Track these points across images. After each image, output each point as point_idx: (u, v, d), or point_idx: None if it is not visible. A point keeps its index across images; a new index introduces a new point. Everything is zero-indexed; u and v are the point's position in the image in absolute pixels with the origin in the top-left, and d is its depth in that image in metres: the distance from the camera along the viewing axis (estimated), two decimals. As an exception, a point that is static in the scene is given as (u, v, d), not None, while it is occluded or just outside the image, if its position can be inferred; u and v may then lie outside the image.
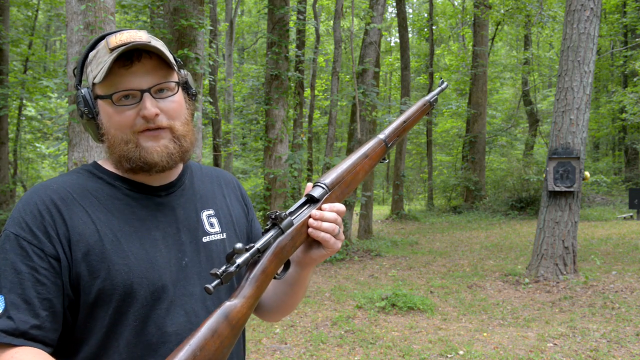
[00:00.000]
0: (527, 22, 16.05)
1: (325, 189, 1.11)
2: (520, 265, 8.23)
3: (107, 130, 1.09)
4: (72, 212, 1.04)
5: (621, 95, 16.37)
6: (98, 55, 1.08)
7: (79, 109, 1.10)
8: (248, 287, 0.99)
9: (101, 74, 1.04)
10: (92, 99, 1.09)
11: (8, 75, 13.19)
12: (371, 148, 1.22)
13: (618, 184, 19.00)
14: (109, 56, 1.04)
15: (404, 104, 13.31)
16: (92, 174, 1.12)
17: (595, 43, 7.01)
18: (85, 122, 1.11)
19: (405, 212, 16.87)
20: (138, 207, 1.10)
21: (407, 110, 1.35)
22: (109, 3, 5.02)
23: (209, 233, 1.17)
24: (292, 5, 11.76)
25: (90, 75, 1.09)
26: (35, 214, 1.01)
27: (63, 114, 7.81)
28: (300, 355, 4.61)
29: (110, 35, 1.10)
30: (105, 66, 1.03)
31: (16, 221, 1.02)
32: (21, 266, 0.98)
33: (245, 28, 27.42)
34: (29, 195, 1.05)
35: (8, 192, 13.16)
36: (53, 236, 1.01)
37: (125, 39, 1.05)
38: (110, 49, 1.05)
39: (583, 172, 6.93)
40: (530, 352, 4.52)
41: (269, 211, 8.79)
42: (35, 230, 1.00)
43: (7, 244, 1.00)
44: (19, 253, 0.98)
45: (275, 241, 1.03)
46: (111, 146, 1.09)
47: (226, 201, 1.26)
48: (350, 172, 1.16)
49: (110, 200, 1.08)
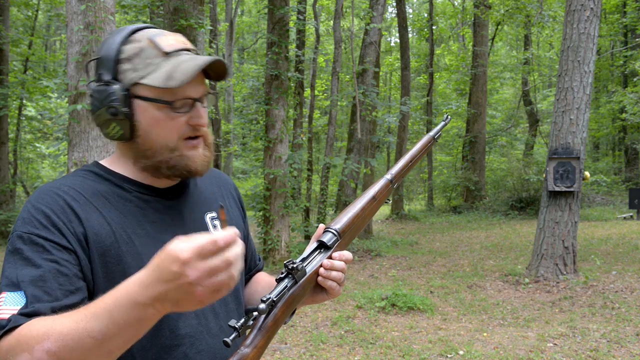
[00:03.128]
0: (527, 22, 16.05)
1: (336, 236, 1.11)
2: (520, 265, 8.23)
3: (146, 134, 1.05)
4: (87, 212, 1.02)
5: (621, 95, 16.38)
6: (144, 54, 1.04)
7: (111, 106, 1.03)
8: (259, 336, 0.98)
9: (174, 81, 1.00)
10: (128, 97, 1.05)
11: (8, 75, 13.19)
12: (379, 190, 1.22)
13: (618, 184, 19.01)
14: (167, 60, 1.03)
15: (404, 104, 13.31)
16: (98, 175, 1.10)
17: (595, 43, 7.01)
18: (114, 119, 1.05)
19: (405, 212, 16.88)
20: (149, 210, 1.09)
21: (412, 149, 1.36)
22: (109, 3, 5.02)
23: None
24: (292, 5, 11.76)
25: (129, 74, 1.04)
26: (48, 214, 0.98)
27: (63, 114, 7.81)
28: (300, 355, 4.61)
29: (148, 32, 1.07)
30: (180, 74, 1.00)
31: (27, 221, 0.98)
32: (40, 261, 0.94)
33: (245, 28, 27.43)
34: (39, 197, 1.02)
35: (8, 192, 13.17)
36: (69, 234, 0.98)
37: (175, 43, 1.06)
38: (165, 53, 1.04)
39: (583, 172, 6.93)
40: (530, 352, 4.52)
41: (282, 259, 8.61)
42: (50, 228, 0.97)
43: (20, 243, 0.96)
44: (36, 250, 0.95)
45: (289, 292, 1.03)
46: (149, 150, 1.06)
47: (226, 203, 1.27)
48: (359, 216, 1.16)
49: (122, 202, 1.07)
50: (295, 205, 9.96)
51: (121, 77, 1.04)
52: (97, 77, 1.06)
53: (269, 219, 8.99)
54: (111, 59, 1.05)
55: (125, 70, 1.05)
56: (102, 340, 0.83)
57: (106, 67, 1.05)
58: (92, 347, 0.83)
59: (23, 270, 0.93)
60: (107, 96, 1.03)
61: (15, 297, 0.91)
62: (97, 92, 1.05)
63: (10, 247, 0.97)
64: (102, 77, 1.05)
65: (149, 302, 0.81)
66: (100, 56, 1.06)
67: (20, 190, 15.96)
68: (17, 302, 0.90)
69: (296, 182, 11.28)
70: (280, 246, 8.97)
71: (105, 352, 0.85)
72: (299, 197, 12.15)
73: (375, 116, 11.56)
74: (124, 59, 1.05)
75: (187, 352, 1.05)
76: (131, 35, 1.07)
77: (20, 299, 0.90)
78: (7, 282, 0.93)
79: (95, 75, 1.07)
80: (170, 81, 1.01)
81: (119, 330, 0.83)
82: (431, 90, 19.51)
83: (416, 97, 23.82)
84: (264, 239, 9.07)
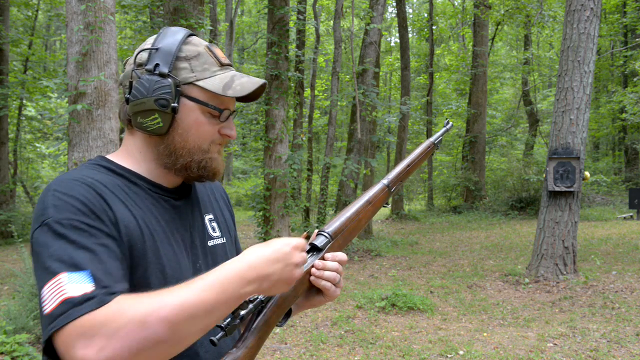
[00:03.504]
0: (527, 22, 16.05)
1: (328, 238, 1.12)
2: (520, 265, 8.23)
3: (185, 133, 1.07)
4: (114, 203, 1.00)
5: (621, 95, 16.38)
6: (202, 59, 1.08)
7: (162, 98, 1.04)
8: (251, 338, 1.00)
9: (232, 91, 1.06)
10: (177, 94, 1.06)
11: (8, 75, 13.19)
12: (374, 195, 1.22)
13: (618, 184, 19.00)
14: (222, 71, 1.09)
15: (404, 104, 13.31)
16: (110, 170, 1.08)
17: (595, 43, 7.01)
18: (159, 110, 1.04)
19: (405, 212, 16.87)
20: (161, 208, 1.10)
21: (411, 153, 1.35)
22: (109, 3, 5.02)
23: (212, 237, 1.21)
24: (292, 5, 11.76)
25: (185, 72, 1.06)
26: (83, 201, 0.96)
27: (63, 114, 7.81)
28: (300, 355, 4.61)
29: (202, 40, 1.12)
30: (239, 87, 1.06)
31: (62, 208, 0.94)
32: (91, 245, 0.91)
33: (245, 28, 27.44)
34: (65, 185, 0.98)
35: (8, 192, 13.16)
36: (107, 222, 0.97)
37: (224, 57, 1.12)
38: (221, 64, 1.10)
39: (583, 172, 6.93)
40: (530, 352, 4.52)
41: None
42: (89, 214, 0.95)
43: (63, 229, 0.92)
44: (81, 234, 0.92)
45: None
46: (183, 149, 1.08)
47: (219, 205, 1.29)
48: (353, 219, 1.17)
49: (139, 198, 1.07)
50: (295, 205, 9.96)
51: (176, 73, 1.06)
52: (153, 67, 1.05)
53: (269, 219, 8.99)
54: (172, 53, 1.06)
55: (182, 68, 1.07)
56: (211, 311, 0.88)
57: (164, 60, 1.05)
58: (203, 317, 0.87)
59: (76, 252, 0.90)
60: (160, 87, 1.04)
61: (78, 277, 0.88)
62: (148, 80, 1.04)
63: (51, 234, 0.92)
64: (159, 68, 1.05)
65: (254, 280, 0.91)
66: (159, 47, 1.06)
67: (20, 190, 15.95)
68: (83, 280, 0.87)
69: (296, 182, 11.27)
70: (280, 246, 8.95)
71: (207, 324, 0.89)
72: (299, 197, 12.16)
73: (375, 116, 11.56)
74: (182, 57, 1.07)
75: (197, 350, 1.07)
76: (190, 36, 1.11)
77: (84, 278, 0.88)
78: (59, 265, 0.88)
79: (149, 63, 1.06)
80: (228, 90, 1.06)
81: (223, 304, 0.89)
82: (431, 90, 19.51)
83: (416, 97, 23.82)
84: (264, 239, 9.07)
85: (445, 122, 1.49)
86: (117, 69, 5.12)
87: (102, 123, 4.92)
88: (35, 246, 0.93)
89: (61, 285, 0.87)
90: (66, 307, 0.85)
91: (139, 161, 1.11)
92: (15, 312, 4.70)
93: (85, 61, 4.90)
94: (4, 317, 4.65)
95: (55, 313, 0.85)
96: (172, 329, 0.85)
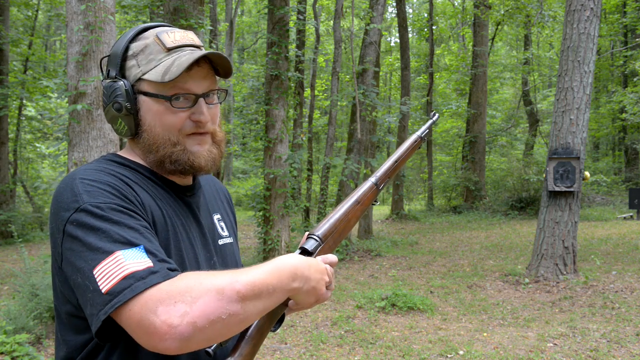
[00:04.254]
0: (527, 22, 16.05)
1: (318, 242, 1.11)
2: (520, 265, 8.23)
3: (151, 129, 1.07)
4: (140, 191, 1.01)
5: (621, 95, 16.38)
6: (148, 50, 1.06)
7: (115, 102, 1.05)
8: (245, 346, 1.00)
9: (168, 75, 1.02)
10: (132, 93, 1.06)
11: (8, 75, 13.19)
12: (363, 194, 1.22)
13: (618, 184, 19.00)
14: (168, 56, 1.05)
15: (404, 104, 13.30)
16: (126, 166, 1.08)
17: (595, 43, 7.01)
18: (119, 115, 1.06)
19: (405, 212, 16.87)
20: (177, 205, 1.11)
21: (398, 149, 1.34)
22: (109, 3, 5.02)
23: (222, 236, 1.22)
24: (292, 5, 11.76)
25: (134, 70, 1.06)
26: (113, 185, 0.97)
27: (63, 114, 7.81)
28: (300, 355, 4.61)
29: (157, 30, 1.09)
30: (175, 68, 1.02)
31: (97, 194, 0.94)
32: (134, 224, 0.92)
33: (245, 28, 27.42)
34: (91, 174, 0.98)
35: (8, 192, 13.16)
36: (138, 205, 0.98)
37: (180, 39, 1.07)
38: (167, 49, 1.06)
39: (583, 172, 6.93)
40: (530, 352, 4.52)
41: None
42: (123, 198, 0.95)
43: (103, 212, 0.92)
44: (123, 216, 0.92)
45: None
46: (153, 144, 1.07)
47: (224, 206, 1.31)
48: (342, 220, 1.16)
49: (158, 192, 1.07)
50: (295, 205, 9.96)
51: (127, 73, 1.06)
52: (106, 74, 1.07)
53: (269, 219, 8.99)
54: (118, 56, 1.07)
55: (130, 66, 1.06)
56: (272, 294, 0.92)
57: (113, 64, 1.07)
58: (265, 299, 0.91)
59: (124, 231, 0.90)
60: (113, 92, 1.05)
61: (135, 252, 0.88)
62: (105, 88, 1.07)
63: (91, 218, 0.91)
64: (110, 74, 1.07)
65: (301, 278, 0.97)
66: (110, 53, 1.08)
67: (20, 190, 15.94)
68: (140, 256, 0.88)
69: (296, 182, 11.27)
70: (280, 246, 8.97)
71: (265, 307, 0.92)
72: (299, 197, 12.17)
73: (375, 116, 11.56)
74: (130, 56, 1.07)
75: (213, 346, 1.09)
76: (141, 33, 1.09)
77: (141, 253, 0.88)
78: (110, 244, 0.88)
79: (104, 72, 1.09)
80: (166, 75, 1.02)
81: (280, 291, 0.93)
82: (431, 90, 19.51)
83: (416, 97, 23.82)
84: (264, 239, 9.07)
85: (432, 114, 1.48)
86: (117, 69, 5.12)
87: (102, 123, 4.92)
88: (75, 231, 0.91)
89: (119, 262, 0.87)
90: (130, 281, 0.85)
91: (145, 162, 1.11)
92: (15, 312, 4.70)
93: (85, 61, 4.90)
94: (4, 317, 4.66)
95: (116, 289, 0.85)
96: (243, 303, 0.88)
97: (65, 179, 0.99)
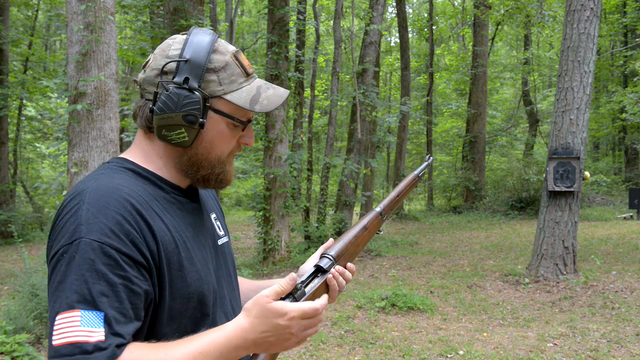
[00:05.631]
0: (527, 22, 16.05)
1: (332, 261, 1.16)
2: (520, 265, 8.23)
3: (209, 146, 1.07)
4: (152, 218, 0.99)
5: (621, 95, 16.37)
6: (230, 70, 1.06)
7: (190, 114, 1.02)
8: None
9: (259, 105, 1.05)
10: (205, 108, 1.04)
11: (8, 75, 13.19)
12: (370, 221, 1.29)
13: (618, 184, 19.01)
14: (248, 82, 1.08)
15: (404, 104, 13.30)
16: (138, 174, 1.06)
17: (595, 43, 7.01)
18: (185, 125, 1.03)
19: (405, 212, 16.87)
20: (186, 212, 1.11)
21: (399, 185, 1.46)
22: (109, 3, 5.02)
23: (220, 236, 1.23)
24: (292, 5, 11.76)
25: (213, 85, 1.04)
26: (118, 220, 0.94)
27: (63, 114, 7.81)
28: (300, 355, 4.61)
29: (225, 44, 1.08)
30: (265, 101, 1.06)
31: (96, 228, 0.92)
32: (113, 278, 0.90)
33: (245, 28, 27.41)
34: (102, 199, 0.96)
35: (8, 192, 13.17)
36: (140, 243, 0.95)
37: (249, 63, 1.10)
38: (247, 74, 1.08)
39: (583, 172, 6.93)
40: (530, 352, 4.52)
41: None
42: (122, 237, 0.93)
43: (92, 253, 0.90)
44: (108, 263, 0.91)
45: None
46: (204, 161, 1.08)
47: (215, 203, 1.32)
48: (353, 243, 1.22)
49: (169, 204, 1.06)
50: (295, 205, 9.96)
51: (204, 86, 1.04)
52: (183, 80, 1.02)
53: (269, 219, 8.99)
54: (201, 66, 1.03)
55: (210, 80, 1.04)
56: None
57: (194, 73, 1.03)
58: None
59: (96, 285, 0.89)
60: (189, 103, 1.02)
61: (93, 318, 0.88)
62: (176, 95, 1.02)
63: (79, 256, 0.90)
64: (188, 82, 1.02)
65: (250, 346, 0.96)
66: (189, 59, 1.03)
67: (20, 190, 15.95)
68: (96, 323, 0.88)
69: (296, 182, 11.26)
70: (280, 246, 8.97)
71: None
72: (299, 197, 12.15)
73: (375, 116, 11.56)
74: (211, 69, 1.04)
75: None
76: (216, 42, 1.07)
77: (98, 320, 0.88)
78: (78, 297, 0.88)
79: (177, 76, 1.03)
80: (255, 105, 1.05)
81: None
82: (431, 90, 19.51)
83: (416, 97, 23.82)
84: (264, 239, 9.07)
85: (427, 157, 1.63)
86: (117, 69, 5.13)
87: (102, 123, 4.92)
88: (61, 262, 0.92)
89: (75, 323, 0.87)
90: (74, 350, 0.86)
91: (160, 166, 1.09)
92: (15, 312, 4.70)
93: (85, 61, 4.90)
94: (4, 317, 4.66)
95: (61, 350, 0.86)
96: None
97: (76, 197, 0.97)
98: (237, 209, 21.48)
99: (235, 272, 1.26)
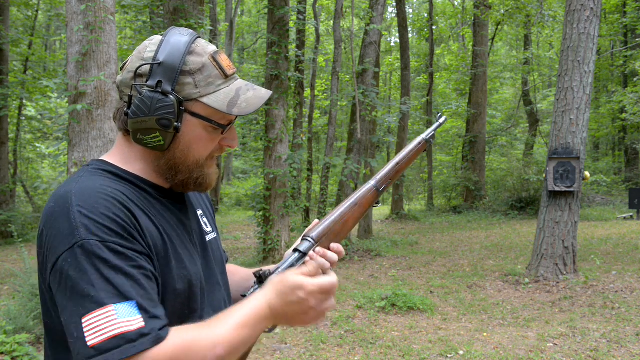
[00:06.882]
0: (527, 22, 16.05)
1: (312, 243, 1.12)
2: (520, 265, 8.23)
3: (186, 149, 1.05)
4: (138, 214, 0.99)
5: (621, 95, 16.38)
6: (206, 72, 1.03)
7: (164, 118, 1.00)
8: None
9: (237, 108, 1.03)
10: (180, 111, 1.02)
11: (8, 75, 13.19)
12: (361, 196, 1.22)
13: (618, 184, 19.01)
14: (226, 84, 1.05)
15: (404, 104, 13.30)
16: (118, 176, 1.04)
17: (595, 43, 7.01)
18: (159, 129, 1.01)
19: (405, 212, 16.87)
20: (168, 211, 1.10)
21: (401, 151, 1.31)
22: (109, 3, 5.02)
23: (207, 233, 1.22)
24: (292, 5, 11.76)
25: (189, 88, 1.02)
26: (111, 217, 0.93)
27: (63, 114, 7.81)
28: (300, 355, 4.61)
29: (204, 44, 1.05)
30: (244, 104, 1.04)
31: (94, 228, 0.91)
32: (129, 269, 0.91)
33: (245, 28, 27.43)
34: (89, 200, 0.93)
35: (8, 192, 13.17)
36: (137, 236, 0.95)
37: (230, 64, 1.07)
38: (226, 75, 1.05)
39: (583, 172, 6.93)
40: (530, 352, 4.52)
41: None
42: (121, 232, 0.93)
43: (100, 252, 0.89)
44: (118, 257, 0.90)
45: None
46: (182, 165, 1.06)
47: (202, 199, 1.30)
48: (338, 222, 1.17)
49: (151, 205, 1.05)
50: (295, 205, 9.96)
51: (179, 89, 1.02)
52: (156, 83, 1.00)
53: (269, 219, 8.99)
54: (175, 69, 1.01)
55: (186, 83, 1.02)
56: (247, 343, 0.98)
57: (167, 76, 1.01)
58: (243, 348, 0.97)
59: (116, 279, 0.89)
60: (163, 107, 1.00)
61: (127, 308, 0.88)
62: (150, 98, 1.00)
63: (87, 258, 0.89)
64: (161, 86, 1.00)
65: (275, 316, 1.00)
66: (162, 62, 1.01)
67: (20, 190, 15.95)
68: (132, 312, 0.88)
69: (296, 182, 11.27)
70: (280, 246, 8.97)
71: (242, 353, 1.00)
72: (299, 197, 12.16)
73: (375, 116, 11.56)
74: (186, 72, 1.02)
75: None
76: (193, 43, 1.04)
77: (132, 309, 0.88)
78: (104, 294, 0.87)
79: (151, 79, 1.01)
80: (233, 108, 1.03)
81: (254, 337, 0.99)
82: (431, 90, 19.51)
83: (416, 97, 23.81)
84: (264, 239, 9.07)
85: (438, 116, 1.42)
86: (117, 69, 5.13)
87: (102, 123, 4.93)
88: (68, 269, 0.89)
89: (111, 317, 0.86)
90: (119, 342, 0.86)
91: (141, 168, 1.08)
92: (15, 312, 4.70)
93: (85, 61, 4.90)
94: (4, 317, 4.65)
95: (104, 346, 0.85)
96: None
97: (59, 201, 0.95)
98: (237, 209, 21.48)
99: (224, 268, 1.24)
